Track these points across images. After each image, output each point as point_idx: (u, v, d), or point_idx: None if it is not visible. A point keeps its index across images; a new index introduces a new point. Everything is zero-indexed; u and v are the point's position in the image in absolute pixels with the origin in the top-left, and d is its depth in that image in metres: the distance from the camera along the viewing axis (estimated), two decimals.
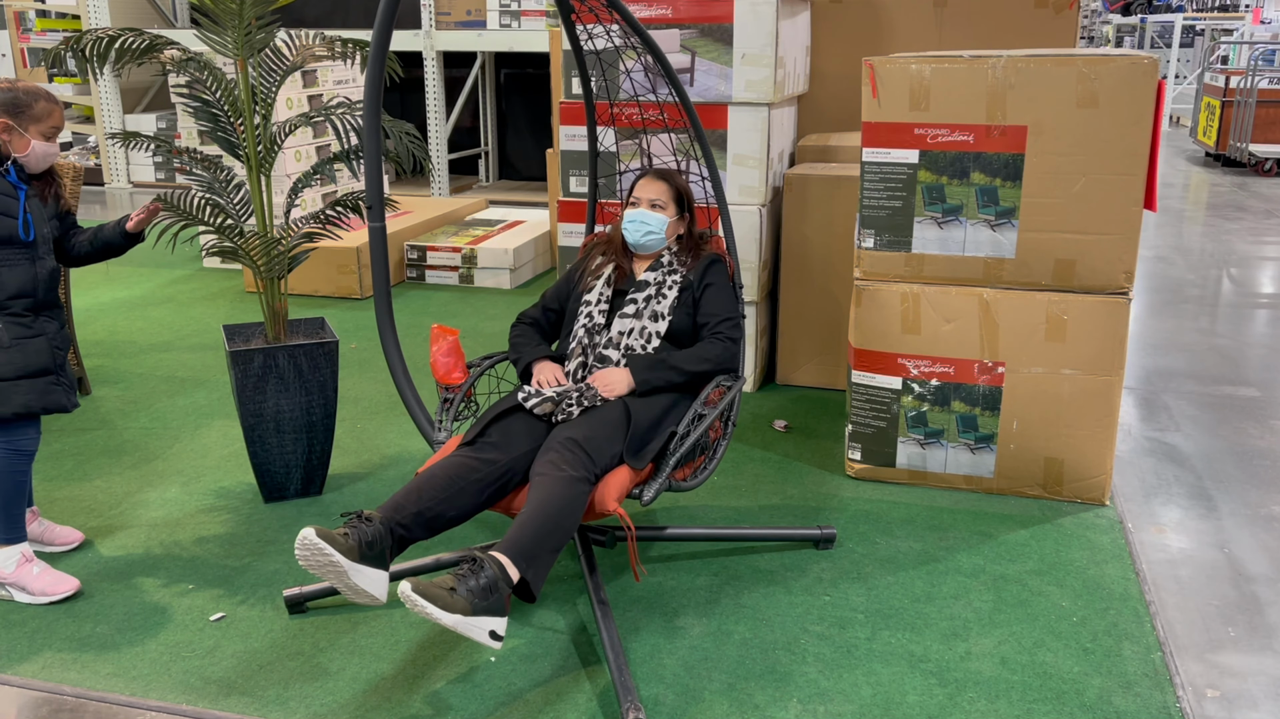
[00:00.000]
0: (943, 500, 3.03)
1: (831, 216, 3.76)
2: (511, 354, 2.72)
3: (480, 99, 8.59)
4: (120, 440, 3.45)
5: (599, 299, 2.67)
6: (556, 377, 2.55)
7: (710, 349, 2.60)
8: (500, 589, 1.99)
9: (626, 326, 2.61)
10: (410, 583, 1.92)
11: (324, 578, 2.02)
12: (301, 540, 1.99)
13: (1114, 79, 2.73)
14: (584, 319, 2.65)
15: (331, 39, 3.06)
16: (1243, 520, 2.93)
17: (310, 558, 2.00)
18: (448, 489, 2.21)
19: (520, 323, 2.80)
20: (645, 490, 2.31)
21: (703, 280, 2.69)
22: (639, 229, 2.70)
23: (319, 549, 1.98)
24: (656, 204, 2.71)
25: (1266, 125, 8.72)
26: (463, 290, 5.43)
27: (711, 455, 2.50)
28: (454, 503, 2.21)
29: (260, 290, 2.98)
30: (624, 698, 2.06)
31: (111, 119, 8.52)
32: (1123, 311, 2.85)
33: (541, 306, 2.82)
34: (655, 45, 2.83)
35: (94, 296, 5.24)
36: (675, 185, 2.75)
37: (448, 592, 1.94)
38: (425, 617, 1.92)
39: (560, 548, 2.14)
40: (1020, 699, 2.15)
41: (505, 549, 2.06)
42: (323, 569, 2.00)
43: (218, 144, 2.97)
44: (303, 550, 2.00)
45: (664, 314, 2.63)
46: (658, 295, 2.65)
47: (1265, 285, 5.42)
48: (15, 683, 2.21)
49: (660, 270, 2.69)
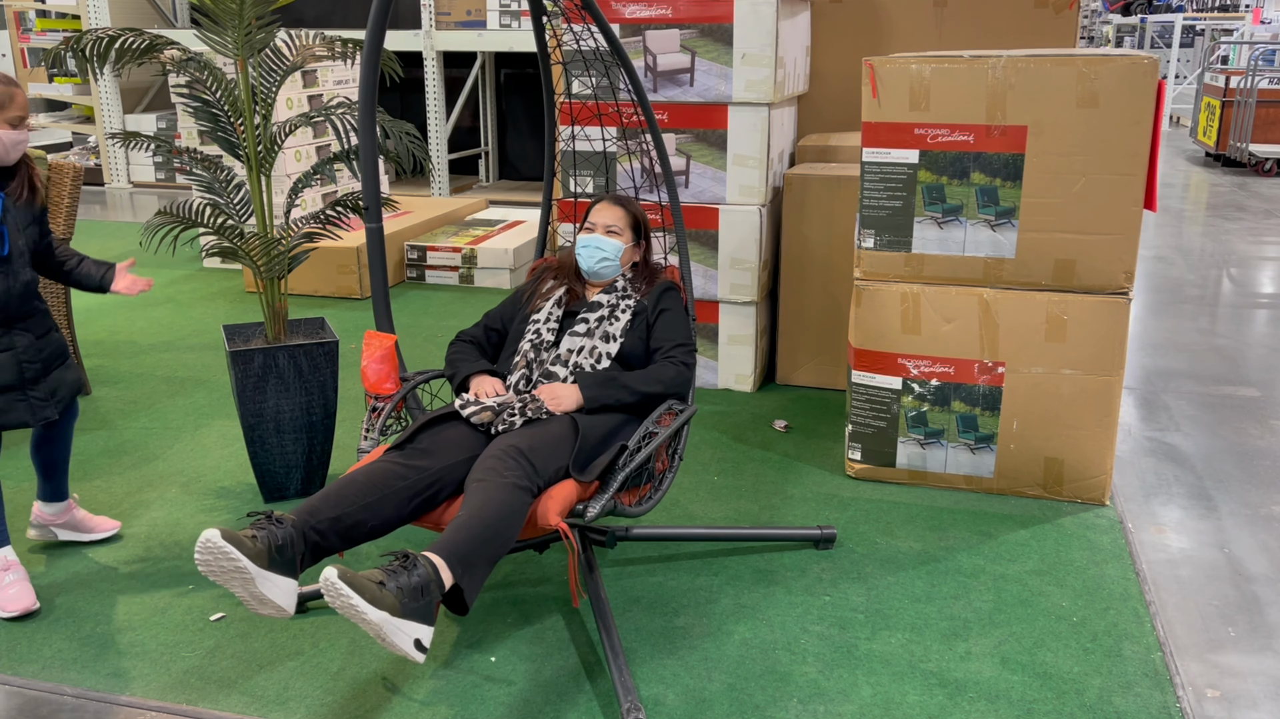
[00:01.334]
0: (943, 500, 3.03)
1: (831, 216, 3.76)
2: (447, 369, 2.57)
3: (480, 99, 8.59)
4: (120, 440, 3.45)
5: (548, 318, 2.57)
6: (496, 388, 2.44)
7: (664, 371, 2.49)
8: (432, 592, 1.80)
9: (576, 345, 2.50)
10: (336, 569, 1.72)
11: (226, 585, 1.82)
12: (203, 543, 1.77)
13: (1114, 79, 2.73)
14: (530, 336, 2.54)
15: (331, 39, 3.06)
16: (1243, 520, 2.93)
17: (212, 563, 1.78)
18: (369, 495, 2.04)
19: (459, 340, 2.66)
20: (590, 507, 2.16)
21: (657, 306, 2.60)
22: (594, 255, 2.60)
23: (223, 552, 1.77)
24: (612, 230, 2.62)
25: (1266, 125, 8.72)
26: (463, 290, 5.43)
27: (657, 485, 2.37)
28: (375, 510, 2.04)
29: (260, 290, 2.98)
30: (624, 698, 2.06)
31: (111, 119, 8.52)
32: (1123, 311, 2.85)
33: (483, 326, 2.69)
34: (623, 48, 2.80)
35: (94, 296, 5.24)
36: (631, 212, 2.67)
37: (375, 585, 1.74)
38: (347, 611, 1.72)
39: (496, 559, 1.98)
40: (1020, 699, 2.15)
41: (439, 550, 1.88)
42: (225, 575, 1.80)
43: (218, 144, 2.97)
44: (204, 554, 1.78)
45: (616, 336, 2.53)
46: (610, 317, 2.55)
47: (1265, 285, 5.42)
48: (15, 683, 2.21)
49: (614, 294, 2.60)
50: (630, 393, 2.42)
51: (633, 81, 2.83)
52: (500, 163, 8.89)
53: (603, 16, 2.73)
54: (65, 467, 2.70)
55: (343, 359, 4.27)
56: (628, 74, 2.82)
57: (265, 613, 1.87)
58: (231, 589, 1.84)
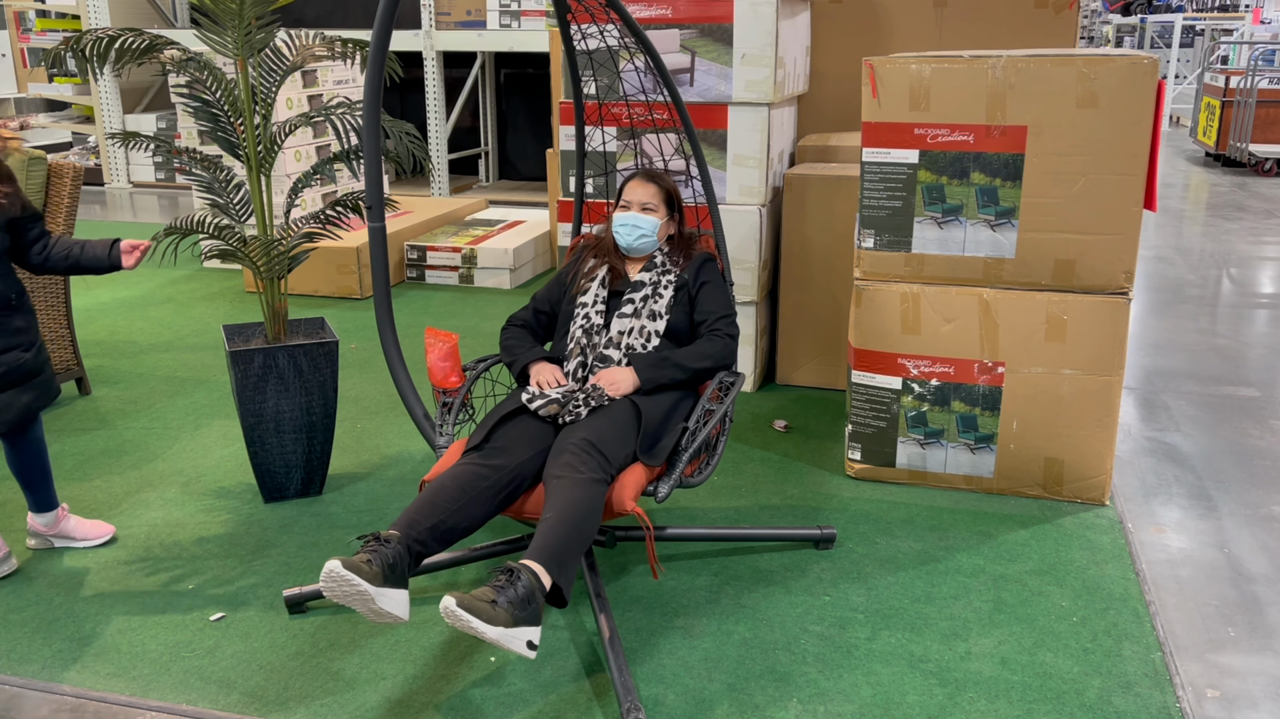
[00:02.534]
0: (943, 500, 3.03)
1: (831, 216, 3.76)
2: (505, 356, 2.70)
3: (480, 99, 8.59)
4: (120, 440, 3.45)
5: (595, 300, 2.67)
6: (556, 377, 2.55)
7: (710, 346, 2.62)
8: (536, 599, 1.98)
9: (626, 326, 2.62)
10: (454, 597, 1.89)
11: (349, 605, 1.99)
12: (328, 574, 1.95)
13: (1114, 79, 2.73)
14: (581, 320, 2.65)
15: (331, 39, 3.06)
16: (1243, 520, 2.93)
17: (336, 589, 1.97)
18: (459, 500, 2.19)
19: (511, 325, 2.77)
20: (659, 487, 2.33)
21: (697, 279, 2.72)
22: (631, 232, 2.71)
23: (346, 581, 1.95)
24: (647, 207, 2.72)
25: (1266, 125, 8.72)
26: (463, 290, 5.43)
27: (713, 452, 2.52)
28: (466, 513, 2.19)
29: (260, 290, 2.98)
30: (624, 698, 2.06)
31: (111, 119, 8.52)
32: (1123, 312, 2.85)
33: (532, 309, 2.79)
34: (651, 45, 2.84)
35: (94, 297, 5.24)
36: (664, 187, 2.76)
37: (489, 604, 1.92)
38: (469, 631, 1.90)
39: (584, 550, 2.14)
40: (1020, 699, 2.15)
41: (537, 557, 2.05)
42: (349, 598, 1.97)
43: (218, 144, 2.97)
44: (329, 583, 1.96)
45: (661, 313, 2.64)
46: (654, 295, 2.66)
47: (1265, 285, 5.42)
48: (15, 683, 2.21)
49: (654, 270, 2.70)
50: (683, 370, 2.56)
51: (665, 79, 2.87)
52: (500, 163, 8.89)
53: (630, 15, 2.74)
54: (43, 479, 2.67)
55: (342, 359, 4.27)
56: (660, 72, 2.87)
57: (383, 622, 2.04)
58: (353, 607, 1.99)
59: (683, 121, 2.98)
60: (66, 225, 3.64)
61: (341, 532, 2.85)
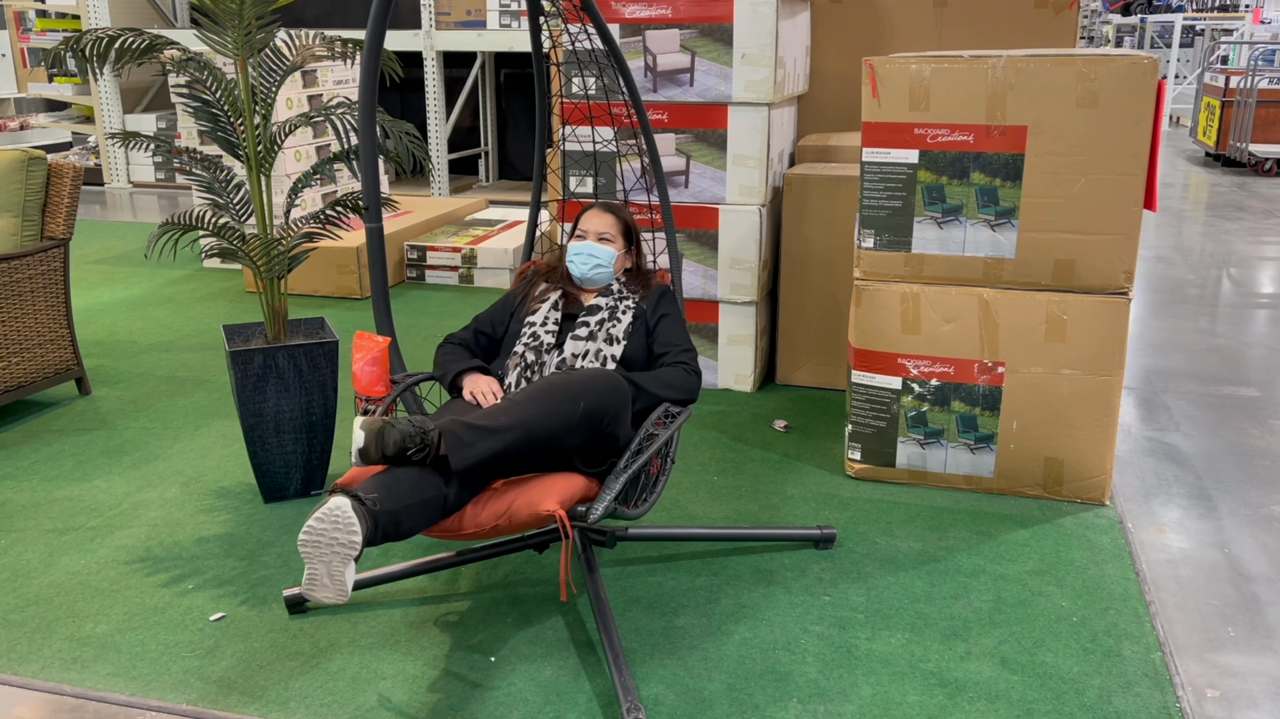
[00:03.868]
0: (943, 500, 3.03)
1: (831, 216, 3.76)
2: (437, 371, 2.53)
3: (480, 99, 8.59)
4: (120, 440, 3.45)
5: (545, 320, 2.55)
6: (491, 387, 2.39)
7: (675, 376, 2.48)
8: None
9: (580, 349, 2.48)
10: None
11: (314, 558, 1.84)
12: (334, 510, 1.81)
13: (1114, 79, 2.73)
14: (527, 338, 2.52)
15: (331, 39, 3.06)
16: (1243, 520, 2.93)
17: (326, 533, 1.82)
18: (411, 498, 2.00)
19: (448, 343, 2.63)
20: (592, 509, 2.11)
21: (656, 309, 2.61)
22: (587, 261, 2.61)
23: (349, 526, 1.81)
24: (604, 237, 2.63)
25: (1266, 125, 8.72)
26: (463, 290, 5.43)
27: (651, 488, 2.35)
28: (412, 516, 2.01)
29: (260, 290, 2.98)
30: (624, 698, 2.06)
31: (111, 119, 8.52)
32: (1123, 312, 2.85)
33: (473, 329, 2.66)
34: (618, 49, 2.81)
35: (94, 297, 5.24)
36: (622, 219, 2.68)
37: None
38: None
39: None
40: (1020, 699, 2.15)
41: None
42: (328, 549, 1.83)
43: (218, 144, 2.97)
44: (325, 521, 1.81)
45: (619, 338, 2.52)
46: (611, 319, 2.55)
47: (1265, 285, 5.42)
48: (15, 683, 2.21)
49: (611, 296, 2.60)
50: (642, 393, 2.41)
51: (627, 83, 2.84)
52: (500, 163, 8.89)
53: (601, 17, 2.74)
54: None
55: (342, 359, 4.27)
56: (622, 75, 2.83)
57: (322, 597, 1.87)
58: (312, 562, 1.85)
59: (641, 125, 2.90)
60: (66, 225, 3.64)
61: None
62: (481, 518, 2.10)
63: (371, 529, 1.90)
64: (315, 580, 1.86)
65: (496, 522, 2.10)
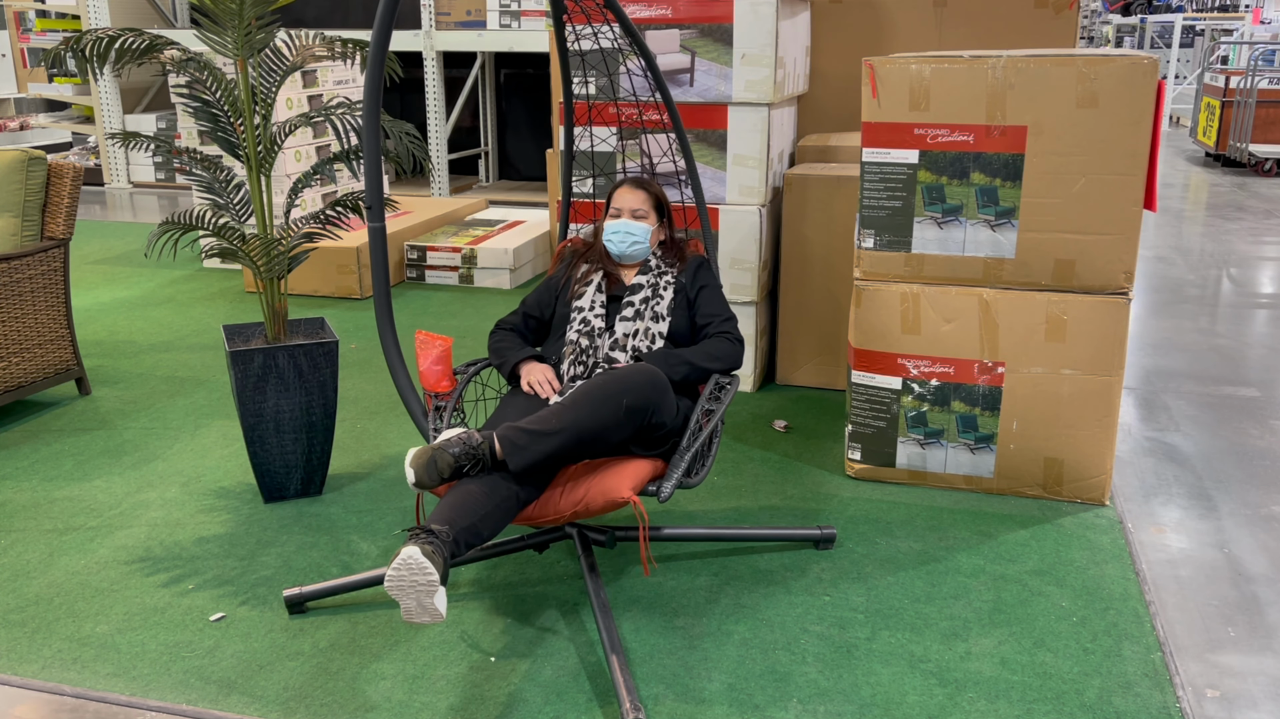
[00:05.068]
0: (943, 500, 3.03)
1: (831, 216, 3.76)
2: (495, 359, 2.67)
3: (480, 99, 8.59)
4: (120, 440, 3.45)
5: (592, 304, 2.65)
6: (548, 377, 2.53)
7: (720, 348, 2.61)
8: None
9: (629, 329, 2.61)
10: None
11: (401, 597, 1.94)
12: (406, 559, 1.90)
13: (1114, 79, 2.73)
14: (579, 324, 2.63)
15: (331, 39, 3.06)
16: (1243, 520, 2.93)
17: (405, 578, 1.91)
18: (486, 505, 2.14)
19: (500, 329, 2.75)
20: (663, 486, 2.28)
21: (695, 282, 2.72)
22: (624, 239, 2.70)
23: (422, 569, 1.90)
24: (638, 213, 2.72)
25: (1266, 125, 8.72)
26: (463, 290, 5.43)
27: (708, 453, 2.49)
28: (492, 519, 2.15)
29: (260, 290, 2.98)
30: (624, 698, 2.06)
31: (111, 119, 8.52)
32: (1123, 312, 2.85)
33: (522, 314, 2.77)
34: (646, 47, 2.84)
35: (94, 297, 5.24)
36: (653, 193, 2.76)
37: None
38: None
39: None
40: (1020, 699, 2.15)
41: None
42: (411, 589, 1.92)
43: (218, 144, 2.97)
44: (403, 569, 1.91)
45: (664, 314, 2.64)
46: (654, 297, 2.66)
47: (1265, 285, 5.42)
48: (15, 683, 2.21)
49: (651, 274, 2.70)
50: (693, 369, 2.56)
51: (658, 81, 2.88)
52: (500, 163, 8.89)
53: (626, 16, 2.75)
54: None
55: (342, 359, 4.27)
56: (653, 74, 2.88)
57: (421, 621, 1.97)
58: (401, 600, 1.94)
59: (674, 124, 2.98)
60: (66, 226, 3.64)
61: (342, 532, 2.85)
62: (561, 505, 2.26)
63: (453, 551, 2.03)
64: (410, 612, 1.97)
65: (575, 508, 2.25)
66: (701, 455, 2.46)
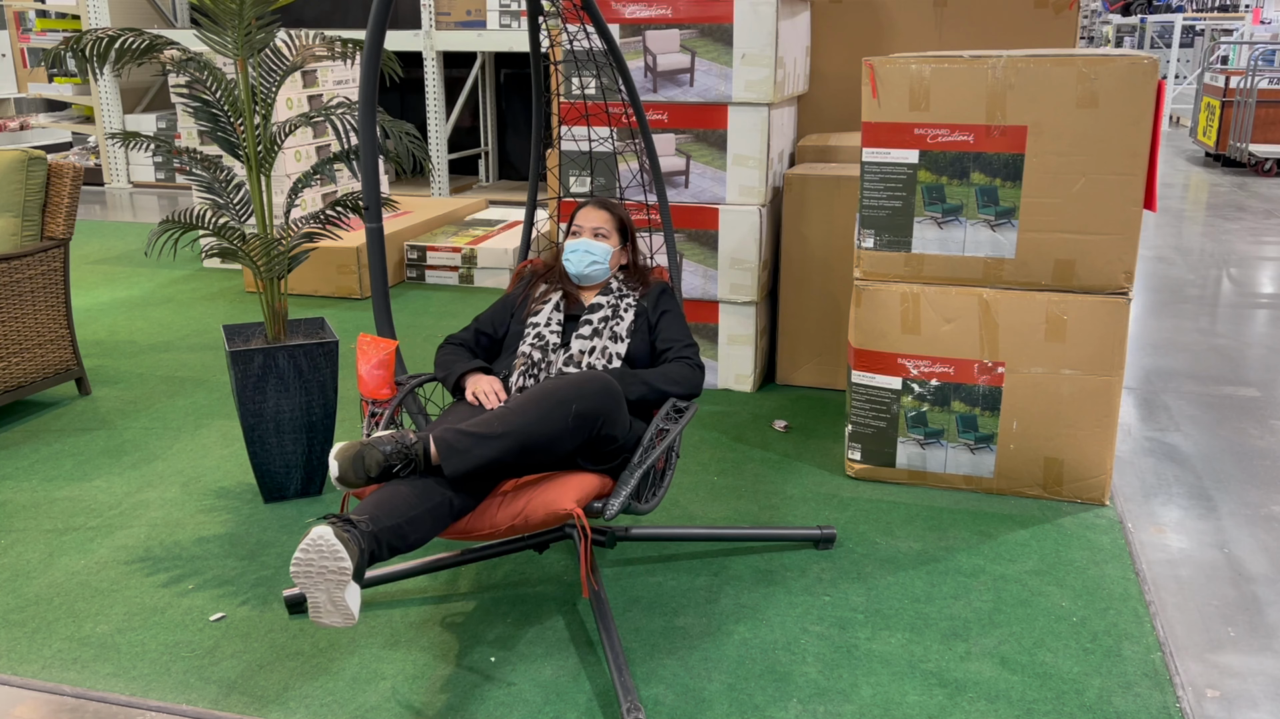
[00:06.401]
0: (943, 500, 3.03)
1: (831, 216, 3.76)
2: (440, 372, 2.52)
3: (480, 99, 8.59)
4: (120, 440, 3.45)
5: (549, 321, 2.55)
6: (494, 387, 2.40)
7: (680, 371, 2.49)
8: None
9: (586, 346, 2.49)
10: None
11: (308, 588, 1.81)
12: (316, 540, 1.77)
13: (1114, 79, 2.73)
14: (532, 338, 2.52)
15: (331, 39, 3.06)
16: (1243, 520, 2.93)
17: (314, 562, 1.77)
18: (417, 508, 2.01)
19: (448, 343, 2.63)
20: (610, 503, 2.14)
21: (657, 307, 2.63)
22: (583, 258, 2.61)
23: (334, 553, 1.77)
24: (600, 233, 2.64)
25: (1266, 125, 8.72)
26: (462, 290, 5.43)
27: (659, 483, 2.37)
28: (420, 526, 2.02)
29: (260, 290, 2.98)
30: (624, 698, 2.06)
31: (111, 119, 8.52)
32: (1123, 311, 2.85)
33: (474, 330, 2.66)
34: (618, 49, 2.82)
35: (94, 297, 5.24)
36: (617, 214, 2.69)
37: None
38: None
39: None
40: (1020, 699, 2.15)
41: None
42: (320, 577, 1.79)
43: (218, 144, 2.97)
44: (311, 552, 1.77)
45: (623, 335, 2.53)
46: (615, 317, 2.56)
47: (1265, 285, 5.42)
48: (15, 683, 2.21)
49: (611, 295, 2.61)
50: (650, 389, 2.43)
51: (626, 82, 2.85)
52: (500, 163, 8.89)
53: (601, 17, 2.74)
54: None
55: (342, 359, 4.27)
56: (621, 75, 2.84)
57: (329, 622, 1.84)
58: (309, 592, 1.82)
59: (640, 126, 2.92)
60: (66, 226, 3.64)
61: None
62: (498, 519, 2.11)
63: (372, 547, 1.89)
64: (319, 608, 1.84)
65: (513, 522, 2.10)
66: (656, 479, 2.34)
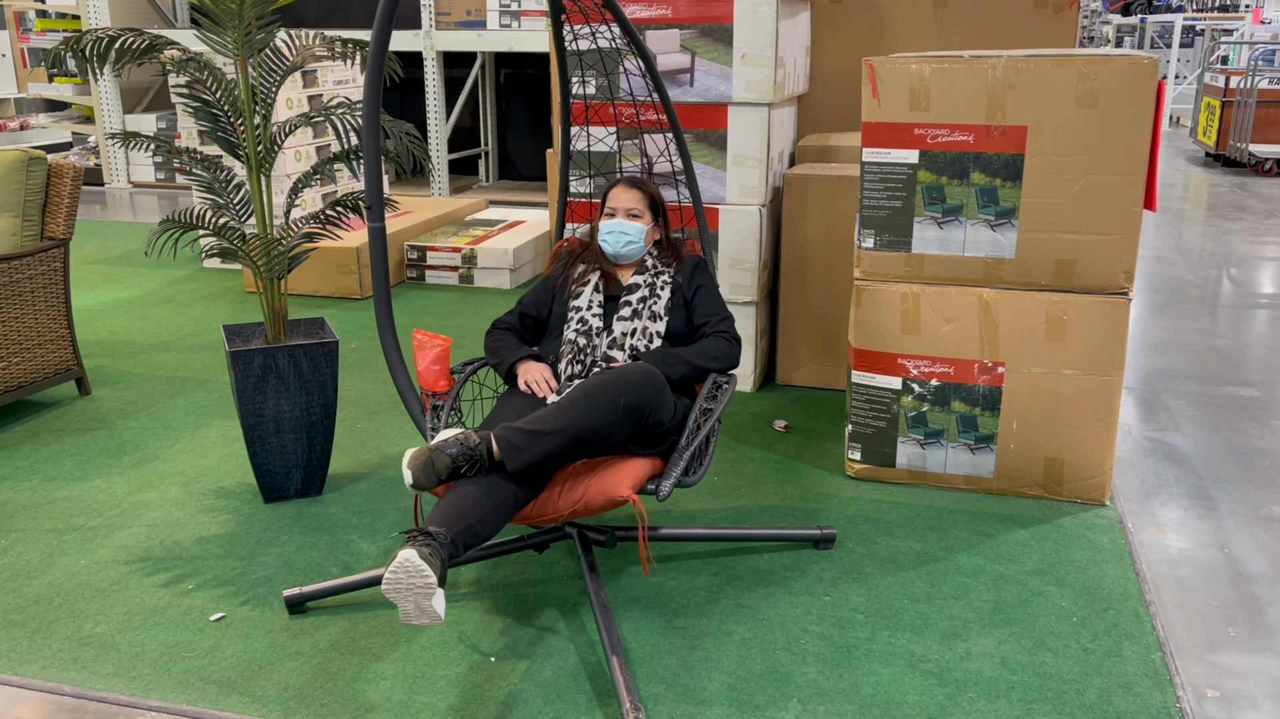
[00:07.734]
0: (943, 500, 3.03)
1: (831, 216, 3.76)
2: (491, 359, 2.67)
3: (480, 99, 8.59)
4: (120, 440, 3.45)
5: (590, 304, 2.66)
6: (545, 376, 2.53)
7: (717, 347, 2.62)
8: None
9: (628, 328, 2.62)
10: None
11: (399, 600, 1.94)
12: (403, 563, 1.90)
13: (1114, 79, 2.73)
14: (576, 324, 2.63)
15: (331, 39, 3.06)
16: (1243, 520, 2.93)
17: (403, 580, 1.91)
18: (484, 505, 2.15)
19: (496, 329, 2.75)
20: (661, 485, 2.28)
21: (692, 282, 2.73)
22: (619, 239, 2.71)
23: (419, 572, 1.90)
24: (633, 213, 2.73)
25: (1266, 125, 8.72)
26: (463, 290, 5.43)
27: (705, 453, 2.49)
28: (490, 520, 2.15)
29: (260, 290, 2.98)
30: (624, 698, 2.06)
31: (111, 119, 8.52)
32: (1123, 311, 2.85)
33: (518, 313, 2.77)
34: (644, 46, 2.84)
35: (94, 297, 5.24)
36: (648, 192, 2.77)
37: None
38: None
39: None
40: (1020, 699, 2.15)
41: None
42: (409, 592, 1.92)
43: (218, 144, 2.97)
44: (400, 573, 1.91)
45: (661, 314, 2.65)
46: (652, 296, 2.67)
47: (1265, 285, 5.42)
48: (15, 683, 2.21)
49: (648, 273, 2.71)
50: (691, 368, 2.57)
51: (656, 82, 2.88)
52: (500, 163, 8.89)
53: (624, 15, 2.75)
54: None
55: (342, 359, 4.27)
56: (650, 74, 2.88)
57: (419, 624, 1.97)
58: (400, 603, 1.94)
59: (671, 124, 2.98)
60: (66, 226, 3.64)
61: (342, 532, 2.85)
62: (560, 505, 2.26)
63: (450, 553, 2.03)
64: (409, 614, 1.97)
65: (574, 508, 2.25)
66: (699, 454, 2.46)
